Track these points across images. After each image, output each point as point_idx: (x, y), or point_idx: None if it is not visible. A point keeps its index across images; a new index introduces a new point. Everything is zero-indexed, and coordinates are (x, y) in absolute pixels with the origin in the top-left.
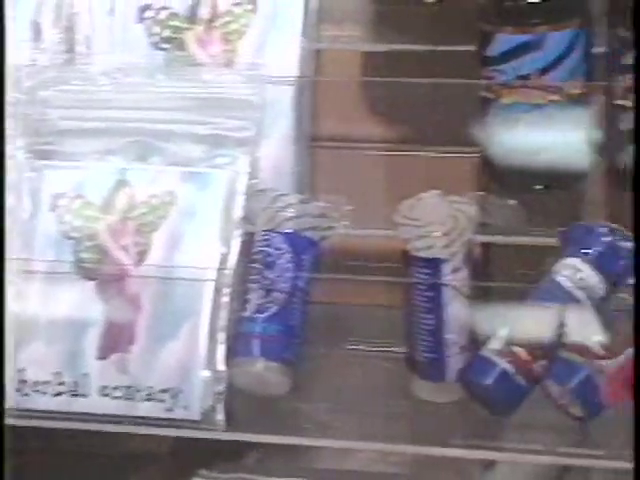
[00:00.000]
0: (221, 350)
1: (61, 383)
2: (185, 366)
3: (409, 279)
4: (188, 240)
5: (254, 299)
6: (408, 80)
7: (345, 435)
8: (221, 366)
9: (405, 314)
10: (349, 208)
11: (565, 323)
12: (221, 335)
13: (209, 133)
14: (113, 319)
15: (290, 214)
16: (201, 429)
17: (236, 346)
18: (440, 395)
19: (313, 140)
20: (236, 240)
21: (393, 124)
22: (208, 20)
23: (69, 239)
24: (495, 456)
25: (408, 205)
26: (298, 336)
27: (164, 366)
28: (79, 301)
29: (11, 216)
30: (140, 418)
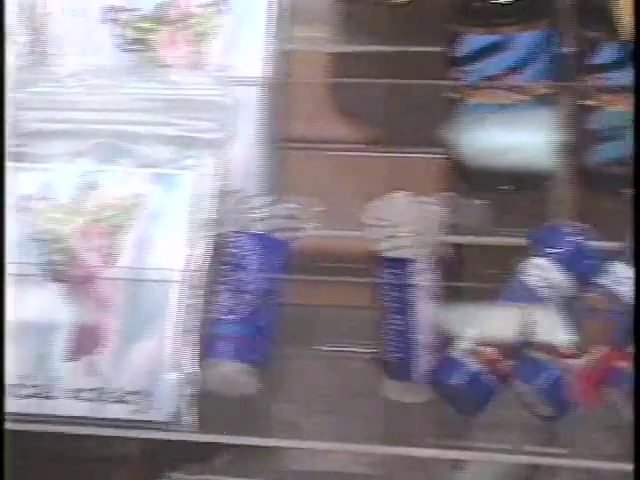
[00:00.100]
0: (191, 352)
1: (31, 386)
2: (154, 368)
3: (378, 280)
4: (157, 242)
5: (224, 300)
6: (377, 81)
7: (315, 436)
8: (191, 368)
9: (375, 314)
10: (318, 209)
11: (532, 322)
12: (190, 337)
13: (178, 135)
14: (82, 321)
15: (259, 215)
16: (170, 431)
17: (206, 347)
18: (409, 395)
19: (283, 141)
20: (204, 241)
21: (362, 125)
22: (176, 21)
23: (37, 241)
24: (465, 456)
25: (376, 206)
26: (268, 337)
27: (133, 368)
28: (48, 303)
29: None
30: (109, 420)
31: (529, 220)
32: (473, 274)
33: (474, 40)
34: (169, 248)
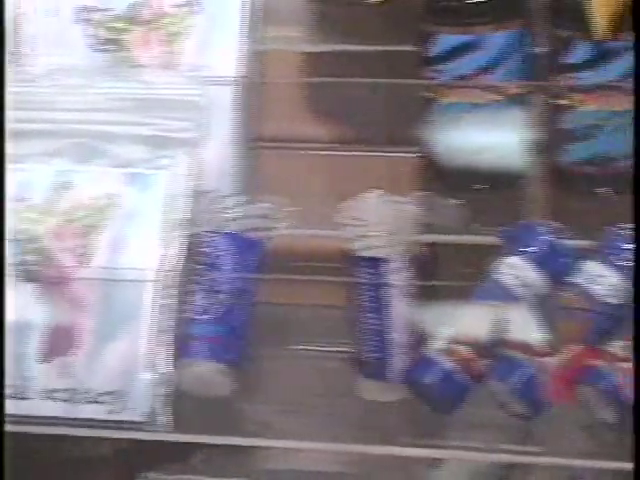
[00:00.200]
0: (165, 352)
1: (7, 386)
2: (128, 368)
3: (353, 279)
4: (131, 242)
5: (198, 300)
6: (351, 80)
7: (291, 435)
8: (165, 368)
9: (349, 314)
10: (292, 209)
11: (506, 321)
12: (165, 337)
13: (151, 134)
14: (56, 322)
15: (233, 215)
16: (145, 431)
17: (180, 347)
18: (385, 394)
19: (256, 141)
20: (178, 241)
21: (337, 124)
22: (149, 22)
23: (12, 241)
24: (440, 454)
25: (351, 205)
26: (242, 337)
27: (107, 368)
28: (23, 304)
29: None
30: (84, 420)
31: (503, 219)
32: (447, 273)
33: (447, 40)
34: (143, 248)
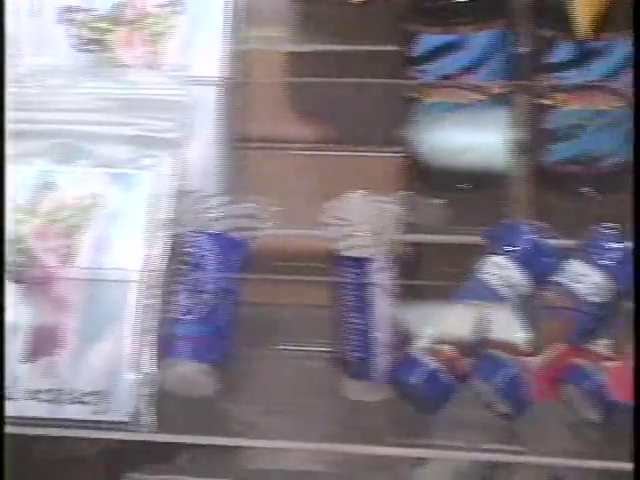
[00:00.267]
0: (149, 352)
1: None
2: (113, 368)
3: (337, 279)
4: (114, 242)
5: (182, 300)
6: (334, 80)
7: (276, 435)
8: (149, 368)
9: (333, 314)
10: (276, 208)
11: (490, 321)
12: (149, 337)
13: (135, 134)
14: (40, 322)
15: (217, 215)
16: (129, 431)
17: (164, 347)
18: (369, 394)
19: (240, 141)
20: (162, 241)
21: (320, 124)
22: (132, 22)
23: None
24: (424, 454)
25: (335, 205)
26: (227, 337)
27: (92, 369)
28: (7, 304)
29: None
30: (67, 421)
31: (487, 219)
32: (431, 273)
33: (430, 40)
34: (127, 248)
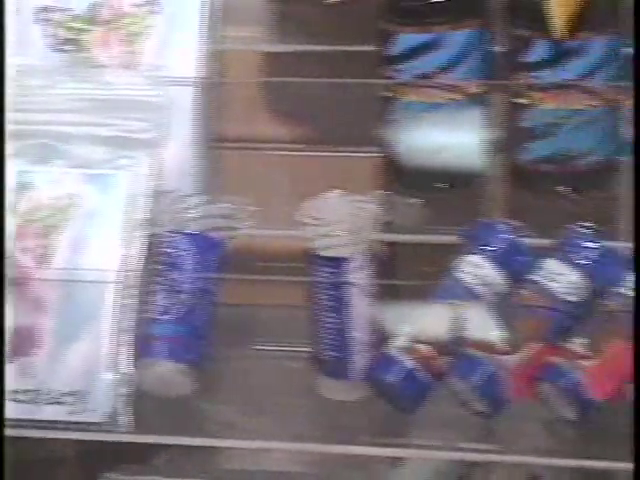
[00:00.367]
0: (126, 352)
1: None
2: (90, 368)
3: (313, 278)
4: (91, 242)
5: (159, 300)
6: (311, 80)
7: (253, 435)
8: (126, 368)
9: (310, 313)
10: (253, 208)
11: (466, 319)
12: (126, 337)
13: (111, 135)
14: (17, 323)
15: (194, 215)
16: (106, 431)
17: (141, 347)
18: (346, 393)
19: (217, 141)
20: (139, 241)
21: (297, 124)
22: (108, 22)
23: None
24: (402, 453)
25: (311, 205)
26: (204, 337)
27: (69, 369)
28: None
29: None
30: (44, 422)
31: (463, 218)
32: (408, 272)
33: (406, 39)
34: (104, 248)
